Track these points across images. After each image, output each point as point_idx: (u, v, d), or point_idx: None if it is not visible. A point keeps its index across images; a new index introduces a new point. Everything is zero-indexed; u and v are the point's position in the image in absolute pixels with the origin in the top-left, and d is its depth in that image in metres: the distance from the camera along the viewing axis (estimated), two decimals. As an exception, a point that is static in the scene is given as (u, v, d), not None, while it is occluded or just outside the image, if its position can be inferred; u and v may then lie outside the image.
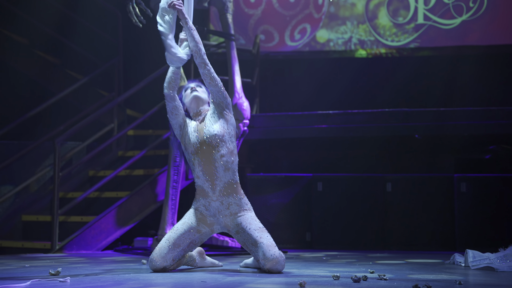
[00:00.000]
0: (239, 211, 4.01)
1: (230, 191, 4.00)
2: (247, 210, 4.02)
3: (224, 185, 3.99)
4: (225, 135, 4.01)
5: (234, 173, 4.03)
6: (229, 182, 4.00)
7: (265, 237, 3.92)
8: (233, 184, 4.01)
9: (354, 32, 7.36)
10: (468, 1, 7.09)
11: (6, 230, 6.29)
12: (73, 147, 6.62)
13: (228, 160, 3.99)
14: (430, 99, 7.12)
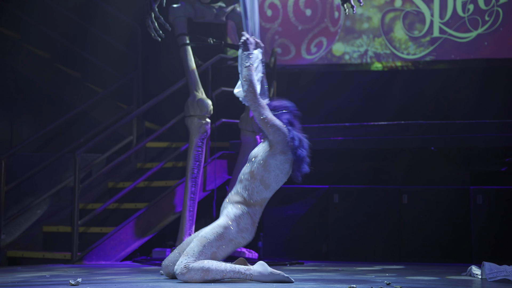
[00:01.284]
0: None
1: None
2: (224, 216, 4.01)
3: None
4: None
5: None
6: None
7: (194, 244, 3.91)
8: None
9: (370, 46, 7.36)
10: (484, 15, 7.08)
11: (27, 240, 6.34)
12: (93, 159, 6.67)
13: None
14: (446, 112, 7.10)
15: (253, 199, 4.04)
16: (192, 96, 5.76)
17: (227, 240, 3.95)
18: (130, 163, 7.00)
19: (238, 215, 4.00)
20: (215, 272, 3.88)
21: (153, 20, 5.67)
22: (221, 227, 3.96)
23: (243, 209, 4.02)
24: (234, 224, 3.99)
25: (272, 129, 4.04)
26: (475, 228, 5.89)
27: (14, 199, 6.40)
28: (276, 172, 4.05)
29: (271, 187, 4.07)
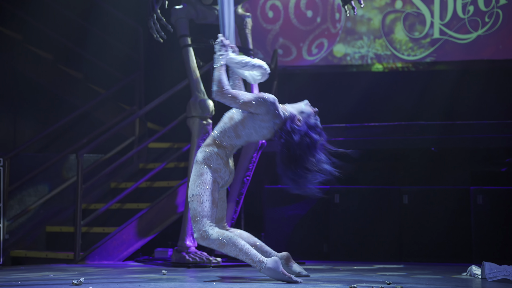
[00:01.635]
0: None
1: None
2: (194, 164, 4.14)
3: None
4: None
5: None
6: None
7: (192, 206, 4.06)
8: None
9: (371, 47, 7.37)
10: (484, 16, 7.08)
11: (30, 240, 6.35)
12: (96, 159, 6.68)
13: None
14: (446, 113, 7.11)
15: (223, 142, 4.16)
16: (194, 97, 5.77)
17: (210, 183, 4.08)
18: (133, 164, 7.01)
19: (206, 157, 4.12)
20: (229, 249, 4.00)
21: (155, 21, 5.67)
22: (198, 176, 4.09)
23: (211, 151, 4.13)
24: (205, 166, 4.12)
25: (253, 107, 4.10)
26: (475, 228, 5.90)
27: (18, 199, 6.42)
28: (250, 131, 4.17)
29: (242, 139, 4.19)
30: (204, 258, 5.48)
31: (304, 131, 4.20)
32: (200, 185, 4.09)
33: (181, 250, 5.55)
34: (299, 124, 4.20)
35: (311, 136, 4.21)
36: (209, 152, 4.13)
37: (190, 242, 5.58)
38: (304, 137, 4.19)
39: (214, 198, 4.10)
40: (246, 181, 6.13)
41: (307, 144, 4.20)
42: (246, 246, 4.03)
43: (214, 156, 4.13)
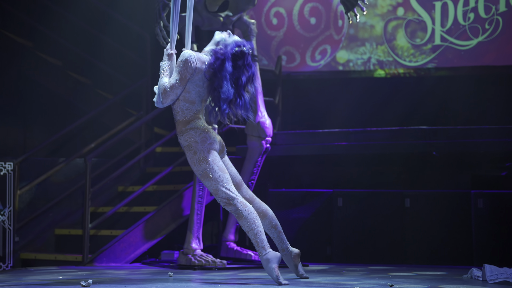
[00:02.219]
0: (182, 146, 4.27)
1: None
2: (185, 151, 4.24)
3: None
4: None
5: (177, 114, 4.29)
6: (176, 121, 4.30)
7: (206, 184, 4.19)
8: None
9: (373, 53, 7.39)
10: (484, 23, 7.09)
11: (40, 243, 6.38)
12: (103, 163, 6.70)
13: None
14: (447, 118, 7.11)
15: (186, 116, 4.24)
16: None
17: (206, 155, 4.17)
18: (140, 168, 7.03)
19: (187, 137, 4.22)
20: (243, 222, 4.14)
21: (161, 28, 5.70)
22: (192, 156, 4.19)
23: (186, 131, 4.23)
24: (192, 145, 4.22)
25: (187, 76, 4.19)
26: (476, 231, 5.90)
27: (27, 202, 6.44)
28: (196, 89, 4.25)
29: (196, 101, 4.25)
30: (210, 261, 5.49)
31: (226, 54, 4.23)
32: (199, 162, 4.18)
33: (187, 253, 5.57)
34: (221, 53, 4.23)
35: (234, 60, 4.25)
36: (186, 133, 4.22)
37: (196, 245, 5.59)
38: (229, 60, 4.23)
39: (219, 167, 4.20)
40: (251, 185, 6.14)
41: (235, 68, 4.24)
42: (259, 228, 4.13)
43: (191, 132, 4.22)
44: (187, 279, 4.65)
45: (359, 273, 5.09)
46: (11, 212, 5.56)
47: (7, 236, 5.50)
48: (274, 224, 4.44)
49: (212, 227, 6.75)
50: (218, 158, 4.24)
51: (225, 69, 4.21)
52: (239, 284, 4.20)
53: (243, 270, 5.35)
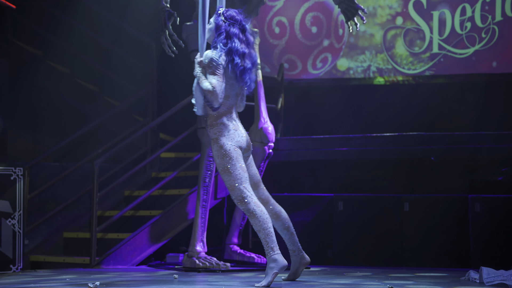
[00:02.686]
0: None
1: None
2: (213, 140, 4.27)
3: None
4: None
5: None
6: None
7: (224, 179, 4.20)
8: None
9: (373, 61, 7.39)
10: (481, 32, 7.09)
11: (49, 246, 6.38)
12: (110, 168, 6.70)
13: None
14: (445, 124, 7.11)
15: (220, 110, 4.28)
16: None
17: (231, 152, 4.20)
18: (145, 173, 7.03)
19: (216, 131, 4.26)
20: (255, 221, 4.15)
21: (167, 37, 5.71)
22: (218, 150, 4.23)
23: (216, 124, 4.26)
24: (220, 139, 4.25)
25: (215, 66, 4.23)
26: (473, 235, 5.89)
27: (37, 206, 6.45)
28: (230, 83, 4.28)
29: (231, 95, 4.29)
30: (214, 263, 5.49)
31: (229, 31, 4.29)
32: (223, 157, 4.21)
33: (192, 255, 5.56)
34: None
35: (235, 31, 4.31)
36: (216, 127, 4.25)
37: (200, 248, 5.59)
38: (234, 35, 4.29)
39: (241, 165, 4.21)
40: (254, 189, 6.15)
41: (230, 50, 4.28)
42: (270, 229, 4.15)
43: (221, 127, 4.25)
44: (192, 281, 4.65)
45: (359, 275, 5.09)
46: (21, 215, 5.56)
47: (17, 239, 5.51)
48: (286, 226, 4.46)
49: (216, 231, 6.74)
50: (241, 157, 4.25)
51: (230, 35, 4.27)
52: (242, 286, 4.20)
53: (246, 272, 5.35)
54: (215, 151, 4.24)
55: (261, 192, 4.44)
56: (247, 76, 4.32)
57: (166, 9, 5.72)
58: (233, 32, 4.30)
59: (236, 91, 4.36)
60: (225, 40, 4.28)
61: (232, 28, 4.31)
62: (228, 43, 4.26)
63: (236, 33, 4.31)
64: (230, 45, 4.26)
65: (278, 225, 4.43)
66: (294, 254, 4.48)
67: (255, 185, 4.40)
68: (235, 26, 4.32)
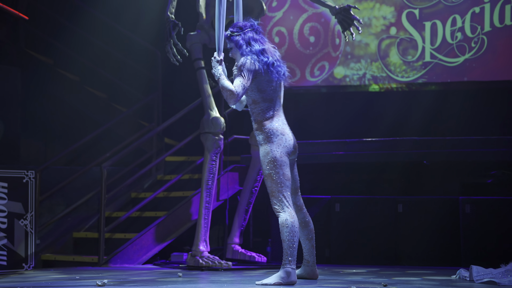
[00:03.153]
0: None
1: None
2: (261, 145, 4.21)
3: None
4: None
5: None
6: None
7: (267, 184, 4.14)
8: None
9: (368, 69, 7.43)
10: (470, 42, 7.13)
11: (59, 245, 6.40)
12: (118, 171, 6.73)
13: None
14: (437, 129, 7.13)
15: (267, 115, 4.21)
16: (206, 114, 5.83)
17: (277, 160, 4.12)
18: (151, 175, 7.05)
19: (265, 136, 4.18)
20: (283, 230, 4.08)
21: (172, 46, 5.74)
22: (265, 156, 4.15)
23: (265, 129, 4.19)
24: (268, 145, 4.17)
25: (247, 71, 4.18)
26: (463, 235, 5.92)
27: (48, 208, 6.47)
28: (262, 85, 4.24)
29: (267, 97, 4.25)
30: (216, 262, 5.51)
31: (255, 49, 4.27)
32: (268, 163, 4.14)
33: (195, 255, 5.58)
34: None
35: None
36: (263, 133, 4.19)
37: (203, 247, 5.61)
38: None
39: (284, 172, 4.14)
40: (255, 192, 6.18)
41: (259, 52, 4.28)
42: (295, 243, 4.10)
43: (269, 133, 4.18)
44: (196, 279, 4.67)
45: (355, 273, 5.11)
46: (32, 216, 5.59)
47: (29, 238, 5.54)
48: (310, 237, 4.42)
49: (218, 231, 6.77)
50: (286, 164, 4.17)
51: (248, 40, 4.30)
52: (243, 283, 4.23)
53: (247, 270, 5.38)
54: (262, 156, 4.17)
55: (298, 198, 4.40)
56: (278, 67, 4.28)
57: (171, 20, 5.75)
58: (249, 37, 4.28)
59: (278, 94, 4.32)
60: (248, 47, 4.26)
61: (247, 34, 4.31)
62: (252, 48, 4.24)
63: (252, 36, 4.29)
64: (253, 49, 4.24)
65: (304, 234, 4.39)
66: (308, 265, 4.43)
67: (295, 191, 4.36)
68: (247, 31, 4.33)
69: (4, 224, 5.44)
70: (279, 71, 4.29)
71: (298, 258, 4.31)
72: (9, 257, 5.41)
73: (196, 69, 5.89)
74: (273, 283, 4.04)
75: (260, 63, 4.22)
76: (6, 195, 5.48)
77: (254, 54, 4.23)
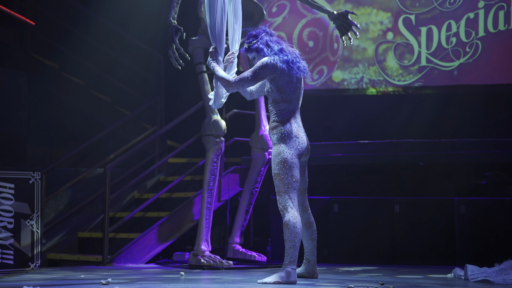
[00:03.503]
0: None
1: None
2: (273, 146, 4.20)
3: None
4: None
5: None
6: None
7: (276, 183, 4.12)
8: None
9: (365, 73, 7.44)
10: (465, 46, 7.14)
11: (64, 245, 6.40)
12: (121, 173, 6.73)
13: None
14: (433, 131, 7.13)
15: (285, 116, 4.21)
16: (208, 117, 5.83)
17: (288, 161, 4.10)
18: (154, 177, 7.06)
19: (279, 137, 4.16)
20: (286, 231, 4.05)
21: (174, 51, 5.75)
22: (276, 156, 4.13)
23: (280, 130, 4.18)
24: (281, 145, 4.15)
25: (263, 71, 4.18)
26: (458, 235, 5.92)
27: (53, 208, 6.48)
28: (282, 86, 4.23)
29: (287, 98, 4.24)
30: (218, 261, 5.51)
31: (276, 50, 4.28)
32: (279, 164, 4.12)
33: (197, 254, 5.59)
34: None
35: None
36: (278, 134, 4.18)
37: (205, 247, 5.61)
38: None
39: (293, 174, 4.11)
40: (255, 192, 6.18)
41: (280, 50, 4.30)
42: (297, 244, 4.07)
43: (284, 134, 4.17)
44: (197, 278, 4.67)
45: (353, 272, 5.11)
46: (38, 216, 5.60)
47: (35, 238, 5.54)
48: (313, 238, 4.41)
49: (220, 231, 6.77)
50: (297, 166, 4.14)
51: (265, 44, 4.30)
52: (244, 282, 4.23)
53: (247, 270, 5.38)
54: (274, 155, 4.15)
55: (305, 199, 4.38)
56: (297, 63, 4.28)
57: (173, 25, 5.76)
58: (266, 40, 4.29)
59: (298, 95, 4.32)
60: (269, 49, 4.26)
61: (263, 39, 4.31)
62: (272, 49, 4.25)
63: (268, 39, 4.30)
64: (273, 50, 4.24)
65: (308, 234, 4.38)
66: (309, 264, 4.42)
67: (303, 191, 4.35)
68: (262, 37, 4.32)
69: (11, 224, 5.45)
70: (299, 66, 4.30)
71: (299, 257, 4.29)
72: (16, 256, 5.41)
73: (197, 73, 5.90)
74: (272, 282, 4.04)
75: (281, 63, 4.21)
76: (13, 195, 5.49)
77: (275, 54, 4.23)
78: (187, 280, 4.33)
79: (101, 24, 7.49)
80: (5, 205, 5.42)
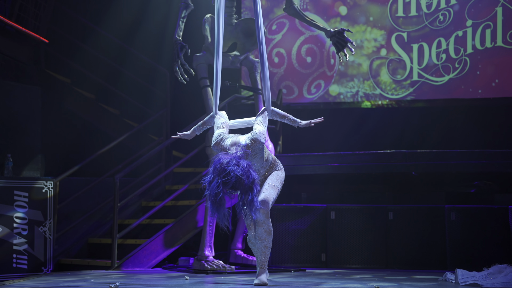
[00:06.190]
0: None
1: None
2: (278, 170, 4.38)
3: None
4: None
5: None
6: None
7: (268, 191, 4.21)
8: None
9: (360, 87, 7.48)
10: (454, 62, 7.19)
11: (75, 250, 6.40)
12: (129, 182, 6.74)
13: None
14: (424, 142, 7.16)
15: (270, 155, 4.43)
16: (211, 129, 5.85)
17: (283, 181, 4.39)
18: (160, 186, 7.05)
19: (279, 163, 4.43)
20: (270, 239, 4.15)
21: (179, 66, 5.77)
22: (280, 175, 4.37)
23: (277, 161, 4.44)
24: (282, 171, 4.43)
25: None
26: (449, 240, 5.93)
27: (65, 215, 6.48)
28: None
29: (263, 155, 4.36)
30: (220, 266, 5.51)
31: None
32: (281, 182, 4.37)
33: (201, 259, 5.59)
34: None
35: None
36: (277, 162, 4.43)
37: (208, 252, 5.61)
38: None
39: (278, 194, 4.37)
40: (256, 200, 6.18)
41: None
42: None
43: (280, 162, 4.45)
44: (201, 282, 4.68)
45: (349, 276, 5.12)
46: (51, 223, 5.62)
47: (47, 244, 5.56)
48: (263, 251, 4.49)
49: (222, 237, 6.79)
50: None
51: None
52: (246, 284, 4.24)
53: (249, 274, 5.39)
54: (278, 172, 4.35)
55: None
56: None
57: (178, 42, 5.80)
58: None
59: (257, 159, 4.33)
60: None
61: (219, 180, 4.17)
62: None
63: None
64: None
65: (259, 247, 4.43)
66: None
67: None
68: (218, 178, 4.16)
69: (25, 231, 5.47)
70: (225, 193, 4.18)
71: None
72: (30, 261, 5.43)
73: (201, 88, 5.93)
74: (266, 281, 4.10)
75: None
76: (27, 203, 5.52)
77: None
78: (191, 284, 4.33)
79: (111, 41, 7.54)
80: (20, 212, 5.45)
